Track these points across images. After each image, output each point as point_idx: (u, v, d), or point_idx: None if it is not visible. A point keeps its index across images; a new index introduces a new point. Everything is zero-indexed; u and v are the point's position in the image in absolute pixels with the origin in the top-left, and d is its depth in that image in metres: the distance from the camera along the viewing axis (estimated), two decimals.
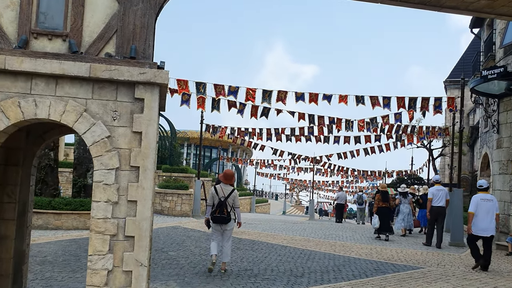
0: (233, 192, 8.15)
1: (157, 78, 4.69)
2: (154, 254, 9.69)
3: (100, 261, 4.54)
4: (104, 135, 4.64)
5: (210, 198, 8.22)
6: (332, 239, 13.88)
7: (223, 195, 8.03)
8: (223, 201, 7.97)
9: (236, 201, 8.22)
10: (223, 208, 7.95)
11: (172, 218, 19.37)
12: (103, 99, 4.69)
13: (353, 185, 48.40)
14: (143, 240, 4.64)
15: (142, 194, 4.66)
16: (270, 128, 20.18)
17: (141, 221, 4.64)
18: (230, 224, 8.11)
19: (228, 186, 8.22)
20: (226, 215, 7.96)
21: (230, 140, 57.61)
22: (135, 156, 4.68)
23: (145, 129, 4.70)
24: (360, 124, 16.75)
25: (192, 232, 14.09)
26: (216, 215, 7.98)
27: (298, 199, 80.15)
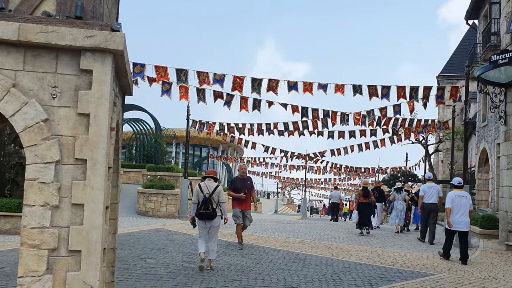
0: (217, 188, 8.19)
1: (109, 43, 3.58)
2: (130, 262, 8.58)
3: (35, 284, 3.43)
4: (40, 118, 3.53)
5: (195, 195, 8.23)
6: (328, 241, 12.85)
7: (208, 191, 8.07)
8: (208, 197, 8.00)
9: (221, 197, 8.22)
10: (208, 204, 7.98)
11: (156, 220, 18.21)
12: (38, 71, 3.58)
13: (345, 183, 47.55)
14: (93, 256, 3.54)
15: (91, 196, 3.55)
16: (261, 123, 19.10)
17: (90, 231, 3.54)
18: (216, 221, 8.13)
19: (212, 182, 8.27)
20: (211, 211, 7.99)
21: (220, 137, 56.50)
22: (81, 145, 3.57)
23: (94, 110, 3.59)
24: (356, 117, 15.71)
25: (176, 235, 12.96)
26: (202, 212, 7.99)
27: (290, 197, 79.27)
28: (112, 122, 3.98)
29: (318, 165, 31.31)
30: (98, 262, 3.54)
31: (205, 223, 8.08)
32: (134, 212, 20.93)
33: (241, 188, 10.57)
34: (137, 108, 24.56)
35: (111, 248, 4.97)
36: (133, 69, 11.14)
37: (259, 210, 51.58)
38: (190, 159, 61.08)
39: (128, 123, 31.04)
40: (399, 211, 15.77)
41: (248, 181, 10.89)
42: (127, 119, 30.56)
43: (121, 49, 3.62)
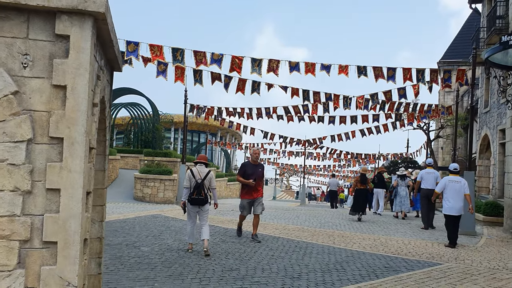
0: (209, 173, 8.30)
1: (88, 4, 3.11)
2: (123, 251, 8.20)
3: (4, 280, 3.02)
4: (9, 90, 3.07)
5: (187, 180, 8.25)
6: (329, 228, 12.49)
7: (200, 177, 8.16)
8: (200, 183, 8.10)
9: (213, 182, 8.38)
10: (200, 189, 8.09)
11: (153, 206, 17.85)
12: (6, 36, 3.11)
13: (344, 169, 47.22)
14: (71, 248, 3.11)
15: (69, 179, 3.12)
16: (260, 108, 18.59)
17: (68, 220, 3.11)
18: (207, 206, 8.30)
19: (204, 167, 8.37)
20: (203, 197, 8.12)
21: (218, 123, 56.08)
22: (56, 122, 3.12)
23: (71, 81, 3.14)
24: (359, 101, 15.20)
25: (173, 221, 12.58)
26: (194, 197, 8.10)
27: (288, 184, 79.06)
28: (95, 97, 3.53)
29: (318, 152, 30.89)
30: (77, 255, 3.12)
31: (196, 208, 8.24)
32: (131, 198, 20.57)
33: (251, 175, 9.67)
34: (133, 92, 24.04)
35: (97, 238, 4.55)
36: (127, 48, 10.61)
37: None
38: (188, 145, 60.63)
39: (125, 108, 30.55)
40: (402, 197, 15.73)
41: (259, 168, 9.89)
42: (124, 103, 30.07)
43: (103, 12, 3.15)
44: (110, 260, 7.37)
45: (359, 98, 15.14)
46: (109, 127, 4.82)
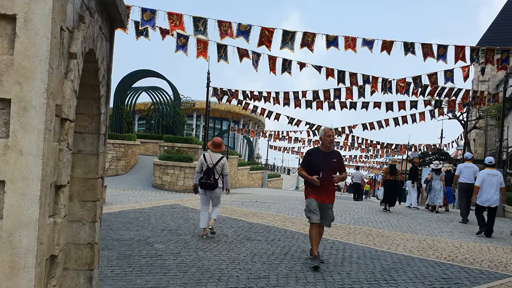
0: (221, 159, 8.27)
1: None
2: (134, 248, 7.13)
3: None
4: None
5: (199, 165, 8.28)
6: (365, 225, 11.22)
7: (211, 162, 8.16)
8: (211, 168, 8.10)
9: (225, 169, 8.32)
10: (210, 175, 8.07)
11: (172, 194, 16.84)
12: None
13: (371, 160, 45.57)
14: (20, 276, 1.96)
15: (18, 167, 1.97)
16: (288, 92, 17.27)
17: (16, 230, 1.96)
18: (217, 191, 8.22)
19: (217, 153, 8.33)
20: (212, 182, 8.06)
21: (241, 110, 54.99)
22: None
23: (24, 8, 1.97)
24: (400, 85, 13.74)
25: (192, 213, 11.50)
26: (203, 181, 8.11)
27: None
28: (72, 43, 2.36)
29: (345, 141, 29.41)
30: (30, 286, 1.97)
31: (205, 192, 8.22)
32: (149, 186, 19.66)
33: (320, 167, 6.74)
34: (154, 74, 23.00)
35: (88, 244, 3.42)
36: (142, 16, 9.39)
37: (279, 186, 50.18)
38: (210, 132, 59.74)
39: (146, 92, 29.63)
40: (437, 191, 15.49)
41: (334, 158, 6.91)
42: (144, 87, 29.14)
43: None
44: (117, 260, 6.31)
45: (400, 81, 13.68)
46: (106, 97, 3.66)
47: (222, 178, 8.26)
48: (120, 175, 21.95)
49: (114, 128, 22.97)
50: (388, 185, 15.08)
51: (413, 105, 17.30)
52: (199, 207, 8.67)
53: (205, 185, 8.07)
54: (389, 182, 15.10)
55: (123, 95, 23.29)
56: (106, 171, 21.70)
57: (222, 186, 8.30)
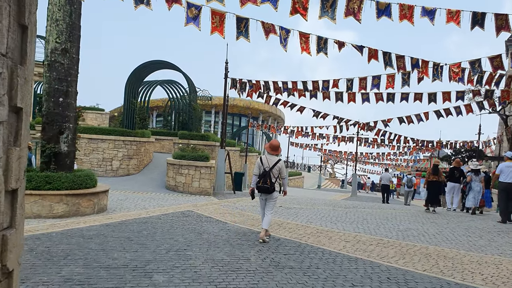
0: (278, 162, 8.10)
1: None
2: (126, 281, 5.29)
3: None
4: None
5: (256, 168, 8.22)
6: (417, 240, 9.19)
7: (268, 165, 8.07)
8: (267, 171, 8.02)
9: (283, 172, 8.17)
10: (266, 178, 7.99)
11: (186, 198, 15.02)
12: None
13: (398, 158, 43.11)
14: None
15: None
16: (317, 81, 15.21)
17: None
18: (273, 195, 8.15)
19: (274, 156, 8.20)
20: (269, 186, 7.98)
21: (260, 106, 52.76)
22: None
23: None
24: (454, 70, 11.58)
25: (207, 224, 9.63)
26: (260, 185, 8.03)
27: (333, 171, 75.22)
28: None
29: (375, 137, 27.17)
30: None
31: (262, 195, 8.20)
32: (162, 187, 17.90)
33: None
34: (168, 65, 21.21)
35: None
36: None
37: (300, 184, 48.10)
38: (229, 128, 57.97)
39: (161, 86, 27.94)
40: (476, 192, 15.17)
41: None
42: (159, 80, 27.44)
43: None
44: None
45: (453, 67, 11.51)
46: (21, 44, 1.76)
47: (280, 181, 8.29)
48: (131, 174, 20.26)
49: (126, 124, 21.28)
50: (432, 186, 15.06)
51: (460, 96, 15.10)
52: (218, 215, 6.83)
53: (262, 189, 8.04)
54: (432, 183, 15.07)
55: (135, 88, 21.58)
56: (116, 171, 20.02)
57: (280, 188, 8.24)
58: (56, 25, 10.32)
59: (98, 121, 36.32)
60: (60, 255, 6.31)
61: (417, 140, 25.26)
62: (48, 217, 9.28)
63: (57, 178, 9.64)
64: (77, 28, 10.65)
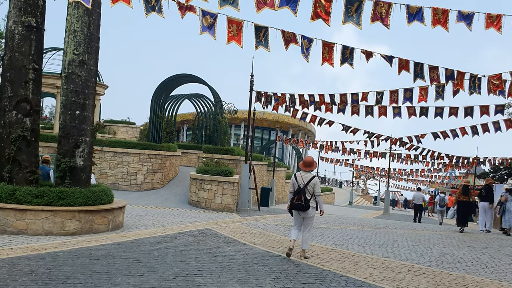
0: (313, 179, 8.03)
1: None
2: None
3: None
4: None
5: (291, 185, 8.19)
6: (452, 268, 8.34)
7: (302, 182, 8.00)
8: (302, 188, 7.95)
9: (317, 189, 8.04)
10: (301, 195, 7.92)
11: (208, 214, 14.51)
12: None
13: (432, 175, 41.49)
14: None
15: None
16: (345, 94, 14.53)
17: None
18: (309, 212, 8.01)
19: (308, 173, 8.14)
20: (303, 202, 7.88)
21: (290, 119, 52.10)
22: None
23: None
24: (494, 82, 10.68)
25: (224, 245, 9.05)
26: (294, 202, 7.97)
27: (366, 187, 73.48)
28: None
29: (408, 153, 26.11)
30: None
31: (298, 213, 8.10)
32: (185, 202, 17.48)
33: None
34: (194, 79, 20.97)
35: None
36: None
37: (331, 201, 46.97)
38: (258, 142, 57.54)
39: (189, 99, 27.80)
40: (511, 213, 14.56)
41: None
42: (187, 94, 27.31)
43: None
44: None
45: (493, 78, 10.62)
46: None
47: (315, 198, 8.03)
48: (155, 189, 19.98)
49: (151, 137, 21.09)
50: (462, 206, 14.93)
51: (499, 109, 14.11)
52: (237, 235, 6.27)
53: (296, 206, 7.95)
54: (462, 203, 14.94)
55: (161, 102, 21.41)
56: (140, 185, 19.78)
57: (316, 206, 8.06)
58: (74, 36, 10.11)
59: (129, 134, 36.57)
60: (60, 279, 5.87)
61: (452, 156, 24.10)
62: (59, 234, 8.93)
63: (70, 193, 9.32)
64: (96, 39, 10.41)
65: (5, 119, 9.87)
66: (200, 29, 7.70)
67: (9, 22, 10.01)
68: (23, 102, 9.91)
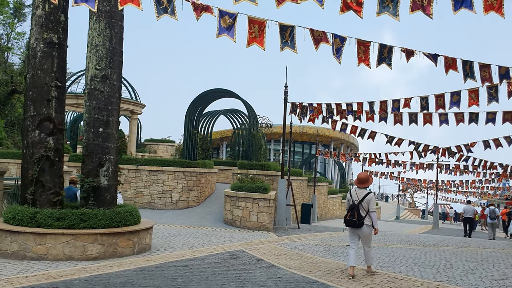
0: (367, 195, 7.91)
1: None
2: None
3: None
4: None
5: (347, 201, 8.10)
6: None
7: (357, 198, 7.90)
8: (356, 204, 7.84)
9: (371, 205, 7.87)
10: (354, 211, 7.79)
11: (242, 234, 13.73)
12: None
13: (484, 186, 39.02)
14: None
15: None
16: (385, 101, 13.50)
17: None
18: (364, 229, 7.81)
19: (363, 189, 8.05)
20: (356, 219, 7.73)
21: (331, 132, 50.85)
22: None
23: None
24: None
25: (256, 269, 8.24)
26: (347, 218, 7.87)
27: (413, 201, 70.63)
28: None
29: (457, 163, 24.44)
30: None
31: (353, 230, 7.95)
32: (221, 220, 16.81)
33: None
34: (228, 93, 20.47)
35: None
36: None
37: (377, 216, 45.19)
38: (298, 157, 56.47)
39: (225, 115, 27.37)
40: None
41: None
42: (222, 110, 26.90)
43: None
44: None
45: None
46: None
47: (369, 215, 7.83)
48: (191, 207, 19.44)
49: (186, 155, 20.67)
50: None
51: None
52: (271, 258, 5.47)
53: (349, 222, 7.85)
54: None
55: (195, 118, 21.03)
56: (175, 203, 19.31)
57: (372, 223, 7.83)
58: (95, 51, 9.75)
59: (169, 152, 36.62)
60: None
61: (506, 165, 22.31)
62: (81, 259, 8.41)
63: (93, 215, 8.82)
64: (118, 53, 10.01)
65: (28, 139, 9.58)
66: (217, 31, 7.04)
67: (32, 39, 9.80)
68: (46, 121, 9.60)
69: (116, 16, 9.92)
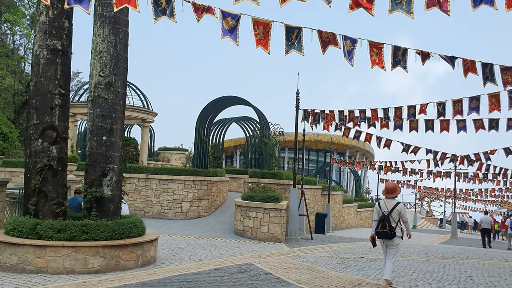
0: (397, 205, 7.81)
1: None
2: None
3: None
4: None
5: (375, 213, 7.99)
6: None
7: (386, 209, 7.79)
8: (386, 215, 7.74)
9: (403, 215, 7.82)
10: (385, 223, 7.70)
11: (252, 245, 13.31)
12: None
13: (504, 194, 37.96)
14: None
15: None
16: (400, 107, 12.99)
17: None
18: (394, 240, 7.73)
19: (392, 199, 7.93)
20: (388, 230, 7.63)
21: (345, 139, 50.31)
22: None
23: None
24: None
25: (263, 284, 7.82)
26: (379, 230, 7.75)
27: (430, 210, 69.28)
28: None
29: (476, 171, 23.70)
30: None
31: (383, 241, 7.86)
32: (231, 231, 16.41)
33: None
34: (239, 101, 20.16)
35: None
36: None
37: None
38: (313, 165, 55.84)
39: (237, 123, 27.06)
40: None
41: None
42: (234, 118, 26.59)
43: None
44: None
45: None
46: None
47: (401, 225, 7.82)
48: (201, 217, 19.08)
49: (197, 163, 20.36)
50: None
51: None
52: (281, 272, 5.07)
53: (381, 234, 7.72)
54: None
55: (206, 126, 20.74)
56: (186, 213, 18.97)
57: (402, 234, 7.82)
58: (99, 57, 9.50)
59: (182, 161, 36.41)
60: None
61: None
62: (82, 272, 8.09)
63: (95, 227, 8.50)
64: (123, 59, 9.75)
65: (31, 148, 9.35)
66: (221, 33, 6.70)
67: (35, 46, 9.60)
68: (49, 130, 9.36)
69: (121, 21, 9.68)
